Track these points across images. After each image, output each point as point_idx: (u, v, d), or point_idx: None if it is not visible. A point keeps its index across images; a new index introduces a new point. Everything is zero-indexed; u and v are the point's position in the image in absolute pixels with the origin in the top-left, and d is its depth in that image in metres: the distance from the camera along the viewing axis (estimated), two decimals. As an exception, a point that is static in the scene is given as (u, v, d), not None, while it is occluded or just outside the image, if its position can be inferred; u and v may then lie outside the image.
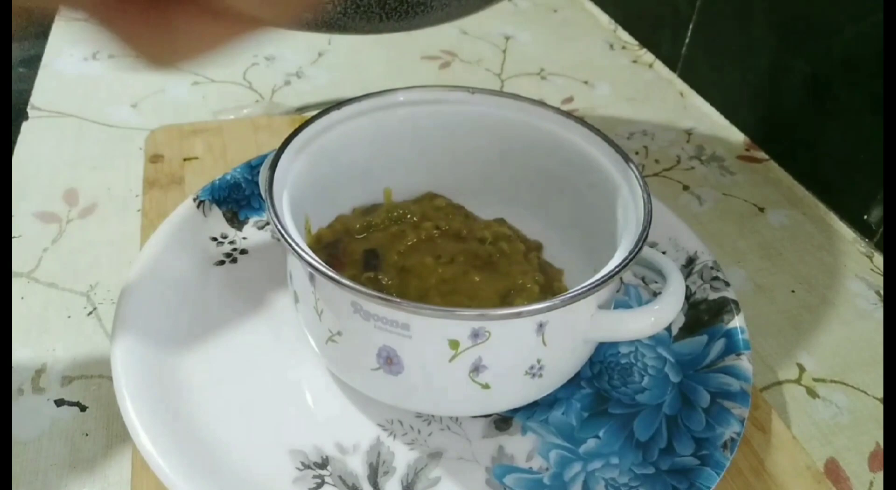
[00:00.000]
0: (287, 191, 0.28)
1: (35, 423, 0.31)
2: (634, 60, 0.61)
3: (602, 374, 0.32)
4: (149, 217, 0.39)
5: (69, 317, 0.35)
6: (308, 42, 0.60)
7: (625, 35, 0.64)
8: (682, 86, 0.57)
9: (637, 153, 0.49)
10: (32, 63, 0.54)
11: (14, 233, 0.39)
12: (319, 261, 0.24)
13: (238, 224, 0.37)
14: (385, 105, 0.33)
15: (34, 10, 0.15)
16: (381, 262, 0.31)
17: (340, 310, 0.25)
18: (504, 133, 0.34)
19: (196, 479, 0.26)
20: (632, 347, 0.33)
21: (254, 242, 0.37)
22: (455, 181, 0.36)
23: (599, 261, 0.26)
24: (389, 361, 0.26)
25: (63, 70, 0.54)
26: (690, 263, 0.36)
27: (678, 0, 0.56)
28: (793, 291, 0.40)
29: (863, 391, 0.35)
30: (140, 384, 0.28)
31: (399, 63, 0.58)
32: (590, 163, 0.31)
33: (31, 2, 0.14)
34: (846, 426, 0.33)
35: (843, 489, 0.31)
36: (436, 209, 0.34)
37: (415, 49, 0.60)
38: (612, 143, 0.31)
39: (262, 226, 0.38)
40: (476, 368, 0.25)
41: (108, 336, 0.33)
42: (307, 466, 0.28)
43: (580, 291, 0.24)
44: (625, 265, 0.25)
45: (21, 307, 0.36)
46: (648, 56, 0.61)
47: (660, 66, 0.59)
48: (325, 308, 0.26)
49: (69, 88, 0.52)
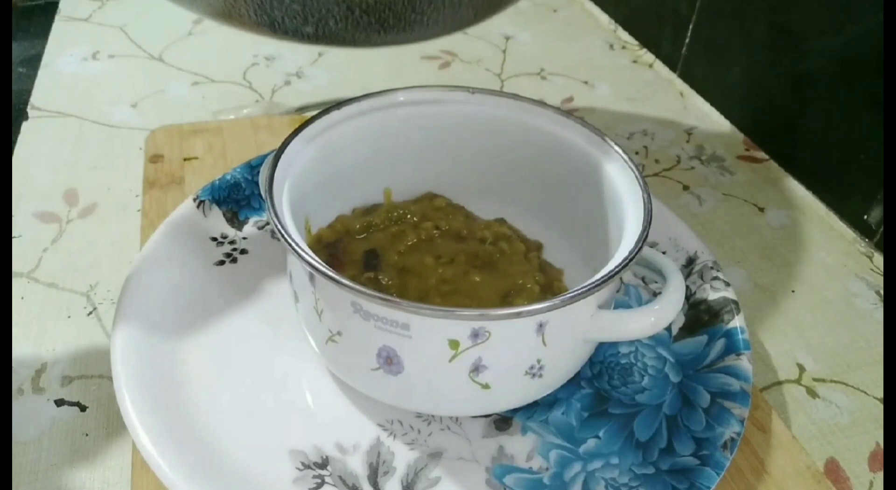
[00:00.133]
0: (287, 191, 0.28)
1: (35, 423, 0.31)
2: (634, 60, 0.61)
3: (602, 374, 0.32)
4: (149, 217, 0.39)
5: (69, 317, 0.35)
6: (308, 42, 0.60)
7: (625, 35, 0.64)
8: (682, 86, 0.57)
9: (637, 153, 0.49)
10: (32, 63, 0.54)
11: (14, 233, 0.39)
12: (319, 261, 0.24)
13: (238, 224, 0.37)
14: (385, 105, 0.33)
15: None
16: (382, 263, 0.31)
17: (340, 310, 0.25)
18: (504, 133, 0.34)
19: (196, 479, 0.26)
20: (632, 347, 0.33)
21: (254, 242, 0.37)
22: (455, 181, 0.36)
23: (599, 261, 0.26)
24: (389, 361, 0.26)
25: (63, 70, 0.54)
26: (690, 263, 0.36)
27: (678, 0, 0.56)
28: (793, 291, 0.40)
29: (863, 391, 0.35)
30: (140, 384, 0.28)
31: (399, 63, 0.58)
32: (589, 163, 0.31)
33: None
34: (846, 426, 0.33)
35: (843, 489, 0.31)
36: (436, 209, 0.34)
37: (415, 49, 0.59)
38: (612, 143, 0.31)
39: (262, 226, 0.38)
40: (476, 368, 0.25)
41: (108, 336, 0.33)
42: (307, 466, 0.28)
43: (580, 291, 0.24)
44: (625, 265, 0.25)
45: (21, 307, 0.36)
46: (648, 56, 0.61)
47: (660, 66, 0.59)
48: (325, 308, 0.26)
49: (69, 88, 0.52)
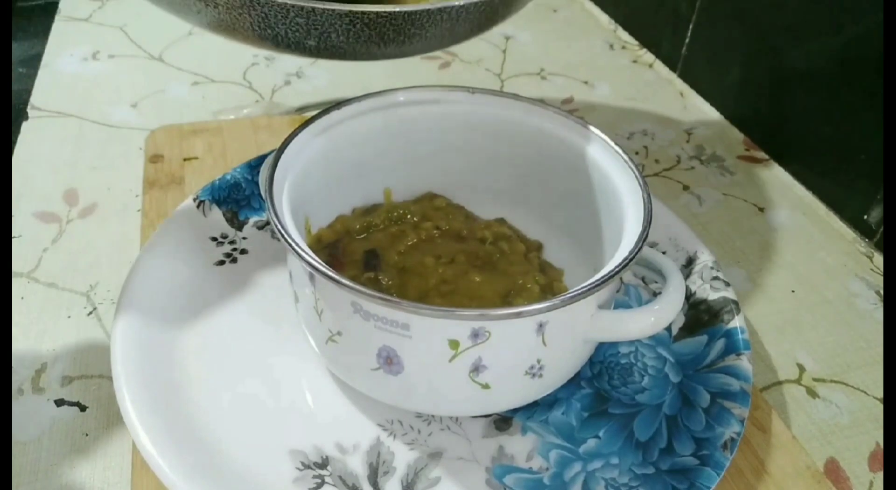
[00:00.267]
0: (287, 191, 0.28)
1: (35, 423, 0.31)
2: (634, 60, 0.61)
3: (602, 374, 0.32)
4: (149, 217, 0.39)
5: (69, 317, 0.35)
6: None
7: (625, 35, 0.64)
8: (682, 86, 0.57)
9: (637, 153, 0.49)
10: (32, 63, 0.54)
11: (14, 233, 0.39)
12: (319, 261, 0.24)
13: (238, 224, 0.37)
14: (385, 105, 0.33)
15: None
16: (382, 263, 0.31)
17: (340, 310, 0.25)
18: (504, 133, 0.34)
19: (196, 479, 0.26)
20: (632, 347, 0.33)
21: (254, 242, 0.37)
22: (455, 181, 0.36)
23: (599, 261, 0.26)
24: (389, 361, 0.26)
25: (63, 70, 0.54)
26: (690, 263, 0.36)
27: (678, 0, 0.56)
28: (793, 291, 0.40)
29: (863, 391, 0.35)
30: (140, 384, 0.28)
31: (399, 63, 0.57)
32: (589, 163, 0.31)
33: None
34: (846, 426, 0.33)
35: (843, 489, 0.31)
36: (436, 209, 0.34)
37: (415, 49, 0.59)
38: (612, 144, 0.31)
39: (262, 226, 0.38)
40: (476, 368, 0.25)
41: (108, 336, 0.33)
42: (307, 466, 0.28)
43: (580, 291, 0.24)
44: (625, 265, 0.25)
45: (21, 307, 0.36)
46: (648, 56, 0.61)
47: (660, 66, 0.59)
48: (325, 308, 0.26)
49: (69, 88, 0.52)
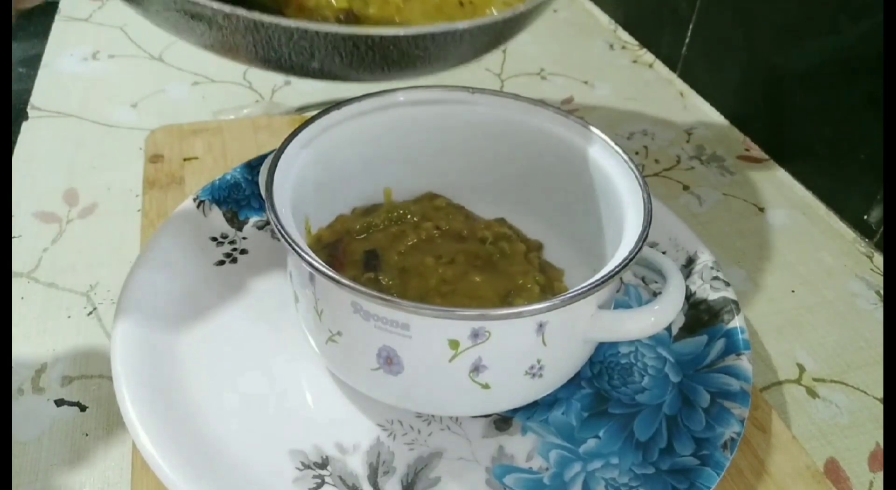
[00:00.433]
0: (287, 191, 0.28)
1: (35, 423, 0.31)
2: (634, 60, 0.61)
3: (602, 374, 0.32)
4: (149, 217, 0.39)
5: (69, 317, 0.35)
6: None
7: (625, 35, 0.64)
8: (682, 86, 0.57)
9: (637, 153, 0.49)
10: (32, 63, 0.54)
11: (14, 233, 0.39)
12: (319, 261, 0.24)
13: (238, 224, 0.37)
14: (385, 105, 0.33)
15: None
16: (382, 263, 0.31)
17: (340, 310, 0.25)
18: (504, 133, 0.34)
19: (196, 479, 0.26)
20: (632, 347, 0.33)
21: (254, 242, 0.37)
22: (455, 181, 0.36)
23: (599, 261, 0.26)
24: (389, 361, 0.26)
25: (63, 70, 0.54)
26: (690, 263, 0.36)
27: (678, 0, 0.56)
28: (793, 291, 0.40)
29: (863, 391, 0.35)
30: (140, 384, 0.28)
31: (399, 63, 0.57)
32: (589, 163, 0.31)
33: None
34: (846, 426, 0.33)
35: (843, 489, 0.31)
36: (436, 209, 0.34)
37: (415, 49, 0.59)
38: (613, 144, 0.31)
39: (262, 226, 0.38)
40: (476, 368, 0.25)
41: (108, 336, 0.33)
42: (307, 466, 0.28)
43: (580, 291, 0.24)
44: (625, 265, 0.25)
45: (21, 307, 0.36)
46: (648, 56, 0.61)
47: (660, 66, 0.59)
48: (325, 308, 0.26)
49: (69, 88, 0.52)
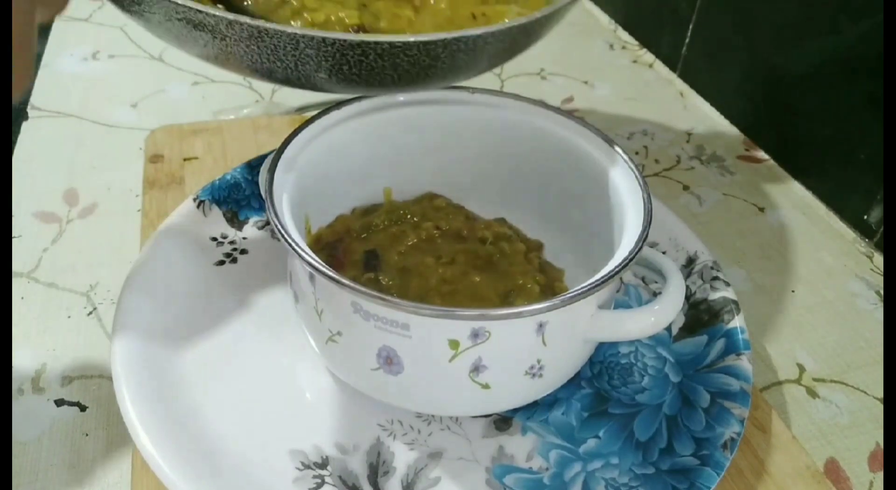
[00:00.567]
0: (287, 191, 0.28)
1: (35, 423, 0.31)
2: (634, 60, 0.61)
3: (602, 374, 0.32)
4: (149, 217, 0.39)
5: (69, 317, 0.35)
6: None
7: (625, 35, 0.64)
8: (682, 86, 0.57)
9: (637, 153, 0.49)
10: (32, 63, 0.54)
11: (14, 233, 0.39)
12: (319, 261, 0.24)
13: (238, 224, 0.37)
14: (385, 105, 0.33)
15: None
16: (382, 263, 0.31)
17: (340, 310, 0.25)
18: (504, 133, 0.34)
19: (196, 480, 0.26)
20: (632, 347, 0.33)
21: (254, 242, 0.37)
22: (455, 181, 0.36)
23: (599, 261, 0.26)
24: (389, 361, 0.26)
25: (63, 70, 0.54)
26: (690, 263, 0.36)
27: (678, 0, 0.56)
28: (793, 291, 0.40)
29: (863, 391, 0.35)
30: (140, 384, 0.28)
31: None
32: (590, 163, 0.31)
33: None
34: (846, 426, 0.33)
35: (843, 489, 0.31)
36: (436, 209, 0.34)
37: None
38: (612, 144, 0.31)
39: (262, 226, 0.38)
40: (476, 368, 0.25)
41: (108, 336, 0.33)
42: (307, 466, 0.28)
43: (580, 291, 0.24)
44: (625, 265, 0.25)
45: (21, 307, 0.36)
46: (648, 56, 0.61)
47: (660, 66, 0.59)
48: (325, 308, 0.26)
49: (69, 88, 0.52)
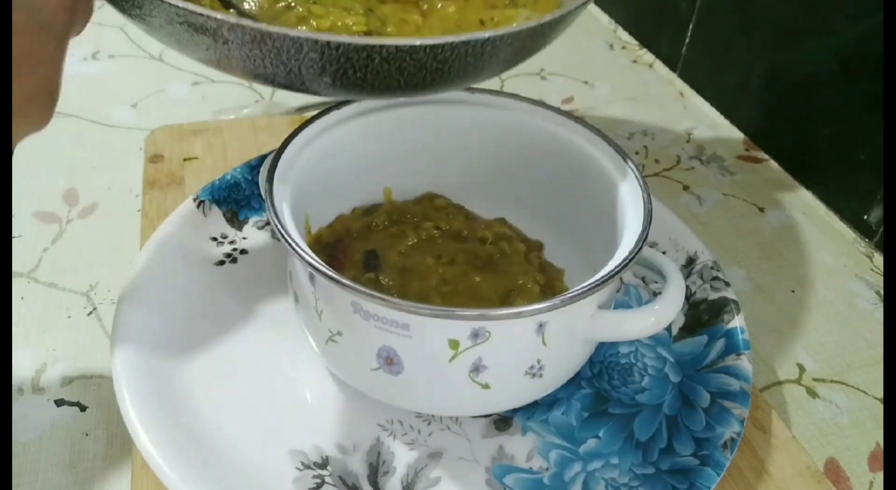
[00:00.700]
0: (287, 191, 0.28)
1: (35, 423, 0.31)
2: (634, 60, 0.61)
3: (602, 374, 0.32)
4: (149, 217, 0.39)
5: (69, 317, 0.35)
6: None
7: (625, 35, 0.64)
8: (682, 86, 0.57)
9: (637, 153, 0.49)
10: (32, 63, 0.54)
11: (14, 233, 0.39)
12: (319, 261, 0.24)
13: (238, 224, 0.37)
14: (385, 105, 0.33)
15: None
16: (382, 263, 0.31)
17: (340, 310, 0.25)
18: (504, 133, 0.34)
19: (196, 480, 0.26)
20: (632, 347, 0.33)
21: (254, 242, 0.37)
22: (455, 181, 0.36)
23: (599, 261, 0.26)
24: (389, 361, 0.26)
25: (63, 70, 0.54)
26: (690, 263, 0.36)
27: (678, 0, 0.56)
28: (793, 291, 0.40)
29: (863, 391, 0.35)
30: (140, 384, 0.28)
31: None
32: (590, 163, 0.31)
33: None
34: (846, 426, 0.33)
35: (843, 489, 0.31)
36: (436, 209, 0.34)
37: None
38: (612, 143, 0.31)
39: (262, 226, 0.38)
40: (476, 368, 0.25)
41: (108, 336, 0.33)
42: (307, 466, 0.28)
43: (580, 291, 0.24)
44: (625, 265, 0.25)
45: (21, 307, 0.36)
46: (648, 56, 0.61)
47: (660, 66, 0.59)
48: (325, 308, 0.26)
49: (69, 88, 0.51)
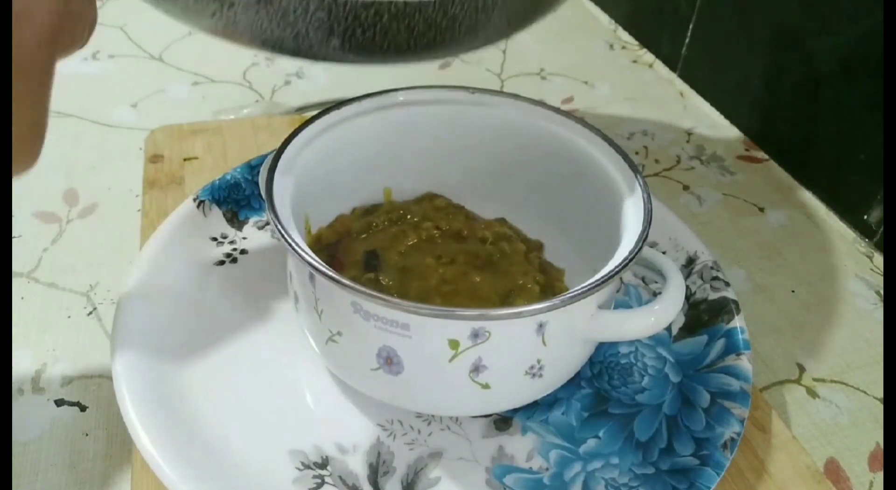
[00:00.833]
0: (287, 191, 0.28)
1: (35, 423, 0.31)
2: (634, 60, 0.61)
3: (602, 374, 0.32)
4: (149, 217, 0.39)
5: (69, 317, 0.35)
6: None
7: (625, 35, 0.64)
8: (682, 86, 0.57)
9: (637, 153, 0.49)
10: (32, 63, 0.54)
11: (14, 233, 0.39)
12: (319, 261, 0.24)
13: (238, 224, 0.37)
14: (385, 105, 0.33)
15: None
16: (382, 263, 0.31)
17: (340, 310, 0.25)
18: (504, 133, 0.34)
19: (196, 480, 0.26)
20: (632, 347, 0.33)
21: (254, 242, 0.37)
22: (455, 181, 0.36)
23: (599, 261, 0.26)
24: (389, 361, 0.26)
25: (63, 70, 0.53)
26: (690, 263, 0.36)
27: (678, 0, 0.56)
28: (793, 291, 0.40)
29: (863, 391, 0.35)
30: (140, 384, 0.28)
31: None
32: (590, 163, 0.31)
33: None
34: (846, 426, 0.33)
35: (843, 489, 0.31)
36: (436, 209, 0.34)
37: (415, 49, 0.59)
38: (612, 143, 0.31)
39: (262, 226, 0.38)
40: (476, 368, 0.25)
41: (108, 336, 0.33)
42: (307, 466, 0.28)
43: (580, 291, 0.24)
44: (625, 265, 0.25)
45: (21, 307, 0.36)
46: (648, 56, 0.61)
47: (660, 66, 0.59)
48: (325, 308, 0.26)
49: (69, 88, 0.52)
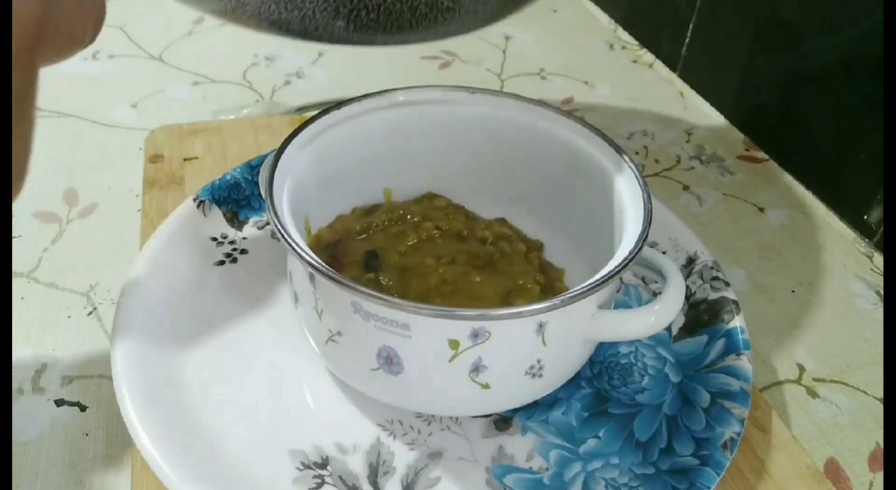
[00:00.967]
0: (287, 191, 0.28)
1: (35, 423, 0.31)
2: (634, 60, 0.61)
3: (602, 374, 0.32)
4: (149, 217, 0.39)
5: (69, 317, 0.35)
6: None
7: (625, 35, 0.64)
8: (682, 86, 0.57)
9: (637, 153, 0.49)
10: (32, 63, 0.54)
11: (14, 233, 0.39)
12: (319, 261, 0.24)
13: (238, 224, 0.37)
14: (385, 105, 0.33)
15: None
16: (382, 263, 0.31)
17: (340, 310, 0.25)
18: (504, 133, 0.34)
19: (196, 480, 0.26)
20: (632, 347, 0.33)
21: (254, 242, 0.37)
22: (455, 181, 0.36)
23: (599, 261, 0.26)
24: (389, 361, 0.26)
25: (63, 70, 0.54)
26: (690, 263, 0.36)
27: (678, 0, 0.56)
28: (793, 291, 0.40)
29: (863, 391, 0.35)
30: (140, 384, 0.28)
31: (399, 63, 0.58)
32: (590, 163, 0.31)
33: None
34: (846, 426, 0.33)
35: (843, 489, 0.31)
36: (436, 209, 0.34)
37: (415, 49, 0.59)
38: (612, 143, 0.31)
39: (262, 226, 0.38)
40: (476, 368, 0.25)
41: (108, 336, 0.33)
42: (307, 466, 0.28)
43: (580, 291, 0.24)
44: (625, 265, 0.25)
45: (21, 307, 0.36)
46: (648, 56, 0.61)
47: (660, 66, 0.59)
48: (325, 308, 0.26)
49: (69, 88, 0.52)
